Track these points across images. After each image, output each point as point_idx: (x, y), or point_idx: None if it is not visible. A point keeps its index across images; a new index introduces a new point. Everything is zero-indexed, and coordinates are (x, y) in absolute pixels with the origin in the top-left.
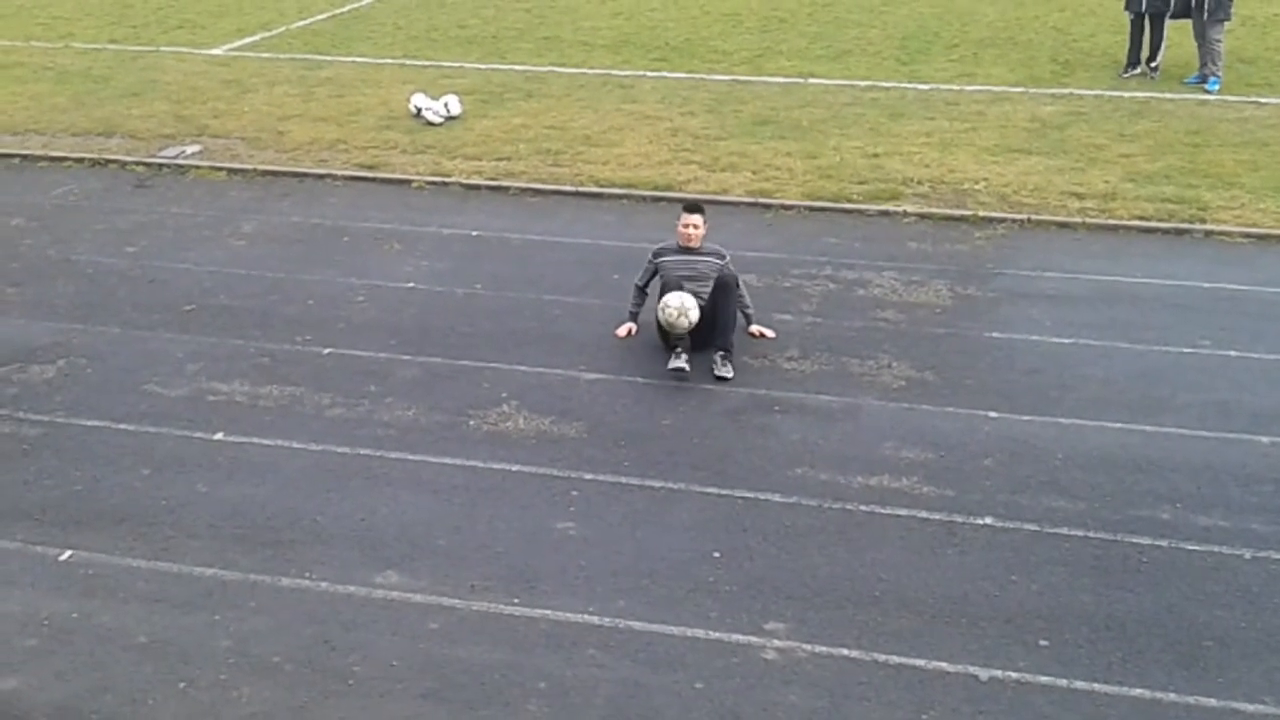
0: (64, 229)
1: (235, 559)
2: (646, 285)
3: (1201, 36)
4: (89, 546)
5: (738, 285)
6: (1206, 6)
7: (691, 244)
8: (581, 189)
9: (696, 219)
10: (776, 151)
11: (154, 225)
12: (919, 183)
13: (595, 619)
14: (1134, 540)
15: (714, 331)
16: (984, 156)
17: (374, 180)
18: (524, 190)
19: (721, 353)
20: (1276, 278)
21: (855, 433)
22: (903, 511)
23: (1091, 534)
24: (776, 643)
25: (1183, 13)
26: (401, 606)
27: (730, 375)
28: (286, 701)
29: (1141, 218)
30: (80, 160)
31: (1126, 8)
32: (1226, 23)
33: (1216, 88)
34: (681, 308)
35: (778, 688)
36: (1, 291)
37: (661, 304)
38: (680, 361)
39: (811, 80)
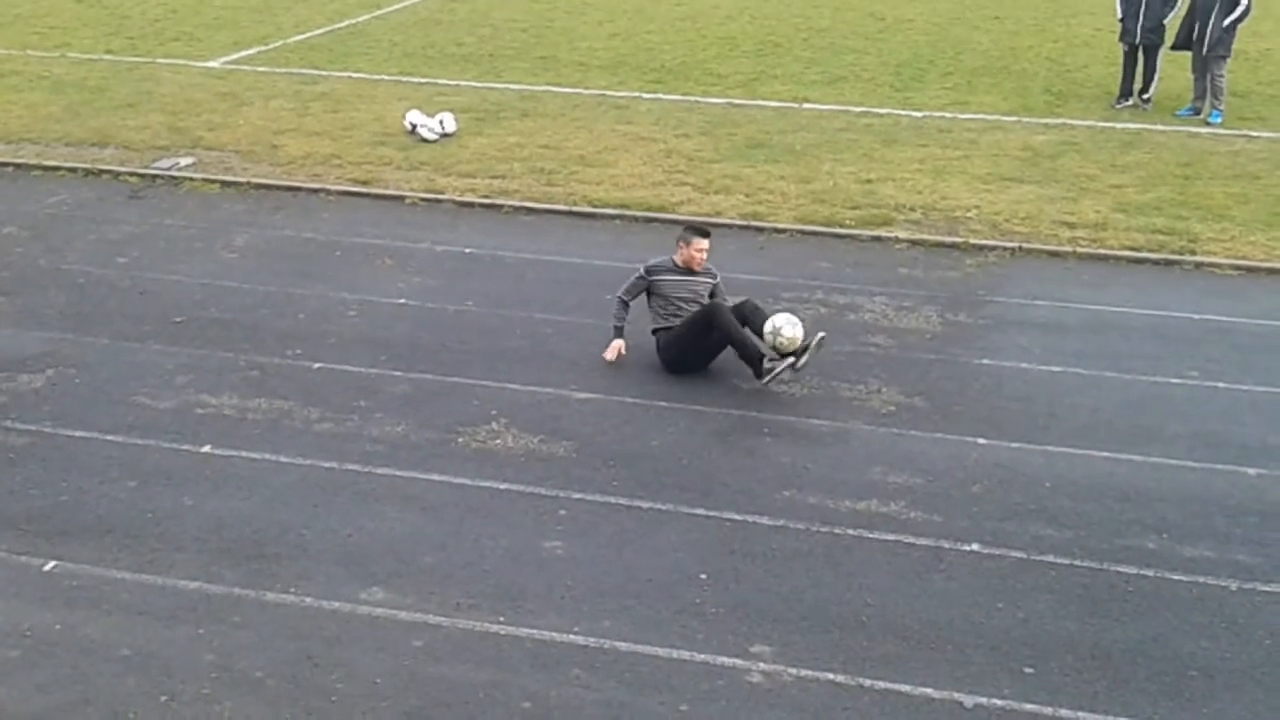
0: (56, 238)
1: (220, 573)
2: (633, 300)
3: (1202, 71)
4: (73, 558)
5: (724, 305)
6: (1208, 41)
7: (695, 267)
8: (575, 208)
9: (707, 244)
10: (770, 175)
11: (146, 236)
12: (911, 209)
13: (581, 639)
14: (1120, 569)
15: (698, 355)
16: (976, 184)
17: (367, 196)
18: (517, 209)
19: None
20: (1265, 310)
21: (844, 457)
22: (890, 536)
23: (1078, 562)
24: (762, 666)
25: (1184, 45)
26: (386, 624)
27: None
28: (269, 717)
29: (1132, 248)
30: (74, 170)
31: (1121, 39)
32: (1227, 59)
33: (1219, 120)
34: (794, 326)
35: (763, 711)
36: None
37: (773, 327)
38: (777, 364)
39: (806, 105)
